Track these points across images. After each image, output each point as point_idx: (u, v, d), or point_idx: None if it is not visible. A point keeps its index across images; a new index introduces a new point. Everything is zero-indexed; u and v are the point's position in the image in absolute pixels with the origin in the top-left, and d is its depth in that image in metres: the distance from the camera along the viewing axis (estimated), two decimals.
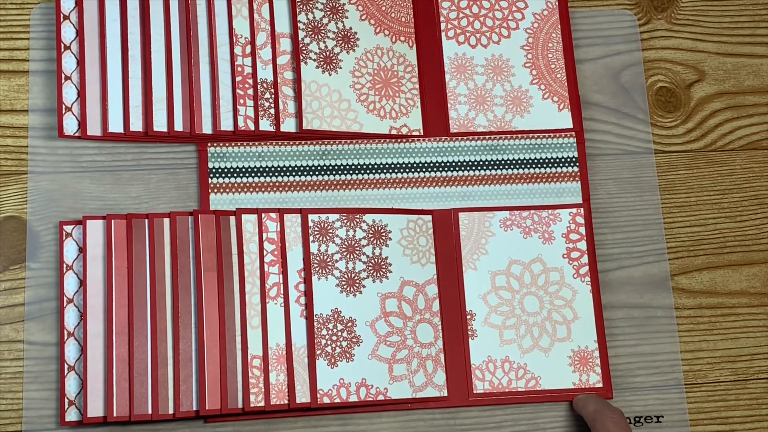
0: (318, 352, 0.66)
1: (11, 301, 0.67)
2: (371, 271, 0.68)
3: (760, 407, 0.71)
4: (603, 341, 0.70)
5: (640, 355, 0.70)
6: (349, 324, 0.67)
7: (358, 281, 0.68)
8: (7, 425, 0.65)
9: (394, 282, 0.69)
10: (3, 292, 0.68)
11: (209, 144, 0.70)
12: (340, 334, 0.67)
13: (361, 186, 0.71)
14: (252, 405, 0.65)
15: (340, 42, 0.72)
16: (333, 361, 0.66)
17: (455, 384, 0.68)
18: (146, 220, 0.67)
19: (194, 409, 0.64)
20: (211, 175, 0.70)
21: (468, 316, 0.70)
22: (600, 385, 0.69)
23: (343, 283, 0.68)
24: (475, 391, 0.68)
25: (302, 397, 0.65)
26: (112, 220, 0.67)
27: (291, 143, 0.71)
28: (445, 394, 0.68)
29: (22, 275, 0.68)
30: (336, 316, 0.67)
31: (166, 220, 0.67)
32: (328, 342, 0.66)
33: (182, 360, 0.65)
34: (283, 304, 0.67)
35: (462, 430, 0.68)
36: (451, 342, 0.69)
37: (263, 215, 0.68)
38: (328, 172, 0.71)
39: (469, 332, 0.69)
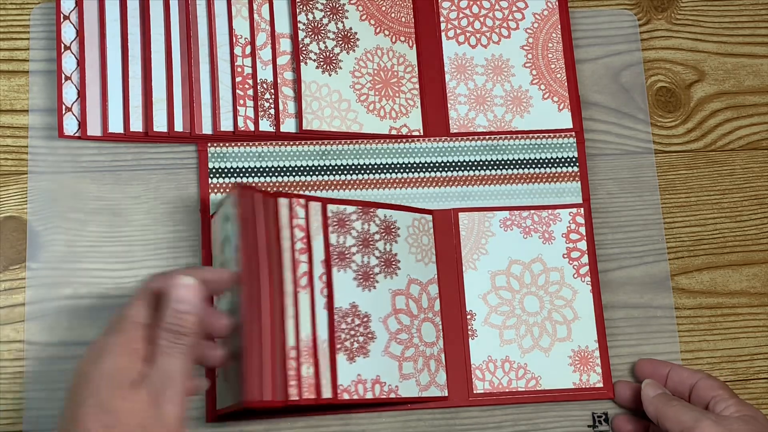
0: (338, 346, 0.64)
1: (11, 301, 0.67)
2: (383, 267, 0.67)
3: (760, 407, 0.71)
4: (603, 341, 0.70)
5: (640, 355, 0.70)
6: (365, 319, 0.66)
7: (372, 276, 0.67)
8: (7, 425, 0.65)
9: (402, 279, 0.68)
10: (3, 292, 0.68)
11: (209, 144, 0.70)
12: (357, 329, 0.66)
13: (361, 186, 0.71)
14: (291, 398, 0.60)
15: (340, 42, 0.72)
16: (351, 356, 0.64)
17: (455, 384, 0.68)
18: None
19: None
20: (212, 175, 0.70)
21: (468, 316, 0.70)
22: (600, 385, 0.69)
23: (359, 277, 0.67)
24: (475, 391, 0.68)
25: (326, 392, 0.63)
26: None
27: (291, 143, 0.71)
28: (446, 394, 0.68)
29: (22, 275, 0.68)
30: (354, 310, 0.66)
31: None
32: (347, 336, 0.65)
33: None
34: (309, 294, 0.64)
35: (462, 430, 0.68)
36: (451, 342, 0.69)
37: (293, 201, 0.65)
38: (328, 172, 0.71)
39: (470, 332, 0.69)
